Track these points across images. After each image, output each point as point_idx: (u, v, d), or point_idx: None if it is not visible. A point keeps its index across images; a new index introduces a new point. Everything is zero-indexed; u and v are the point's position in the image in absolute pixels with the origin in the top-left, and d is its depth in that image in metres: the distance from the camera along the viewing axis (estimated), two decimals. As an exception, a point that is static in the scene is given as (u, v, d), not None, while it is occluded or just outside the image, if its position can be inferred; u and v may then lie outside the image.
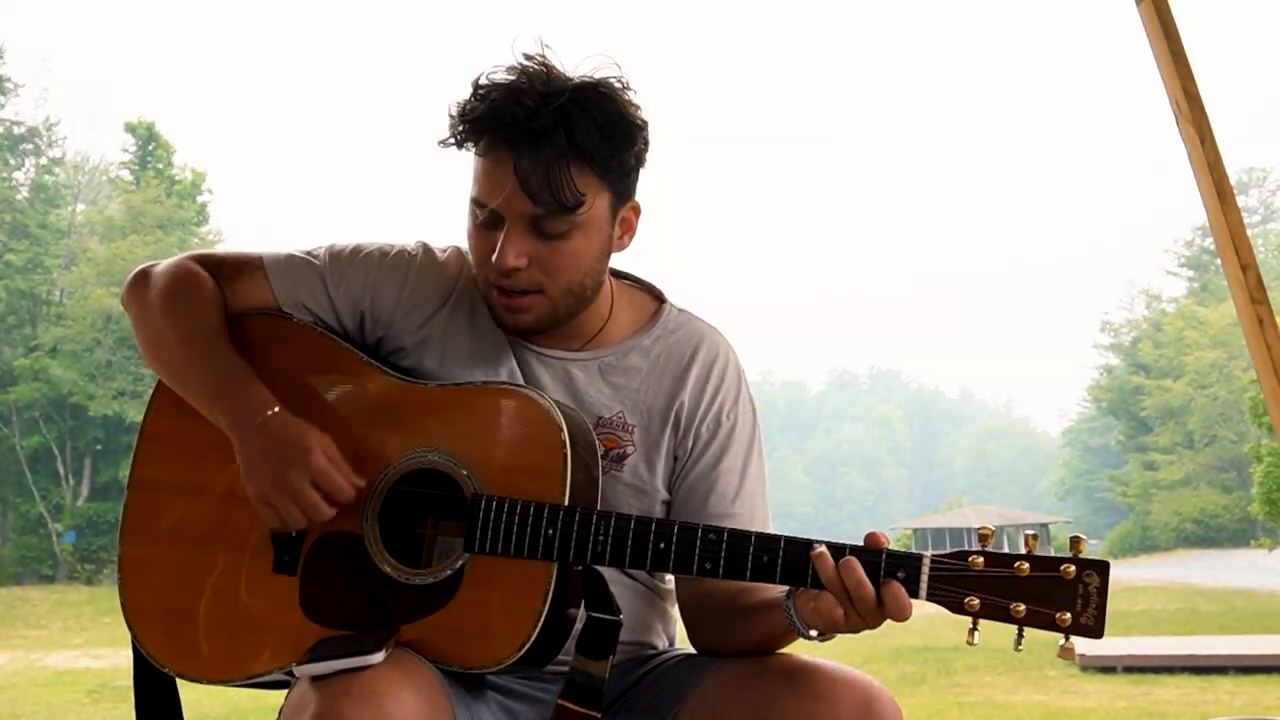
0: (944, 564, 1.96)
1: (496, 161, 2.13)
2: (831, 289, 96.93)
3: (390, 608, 2.10)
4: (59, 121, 46.69)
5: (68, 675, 16.92)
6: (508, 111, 2.09)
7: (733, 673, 2.13)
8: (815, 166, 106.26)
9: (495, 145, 2.13)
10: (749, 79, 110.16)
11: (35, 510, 39.49)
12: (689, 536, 2.04)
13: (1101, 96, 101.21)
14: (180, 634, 2.21)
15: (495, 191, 2.13)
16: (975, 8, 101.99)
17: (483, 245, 2.19)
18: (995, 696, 14.06)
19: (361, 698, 1.87)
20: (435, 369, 2.29)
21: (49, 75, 65.65)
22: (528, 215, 2.13)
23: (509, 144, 2.11)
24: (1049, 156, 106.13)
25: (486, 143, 2.14)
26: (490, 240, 2.17)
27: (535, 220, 2.14)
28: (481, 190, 2.16)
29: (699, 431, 2.32)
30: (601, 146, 2.12)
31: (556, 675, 2.21)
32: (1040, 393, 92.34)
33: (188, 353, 2.24)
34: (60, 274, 42.59)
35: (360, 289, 2.31)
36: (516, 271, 2.16)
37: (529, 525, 2.07)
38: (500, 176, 2.12)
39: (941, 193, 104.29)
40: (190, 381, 2.24)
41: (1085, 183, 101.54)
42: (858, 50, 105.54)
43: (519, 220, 2.14)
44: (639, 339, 2.35)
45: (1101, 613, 1.92)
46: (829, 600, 1.96)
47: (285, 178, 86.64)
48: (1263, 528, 37.64)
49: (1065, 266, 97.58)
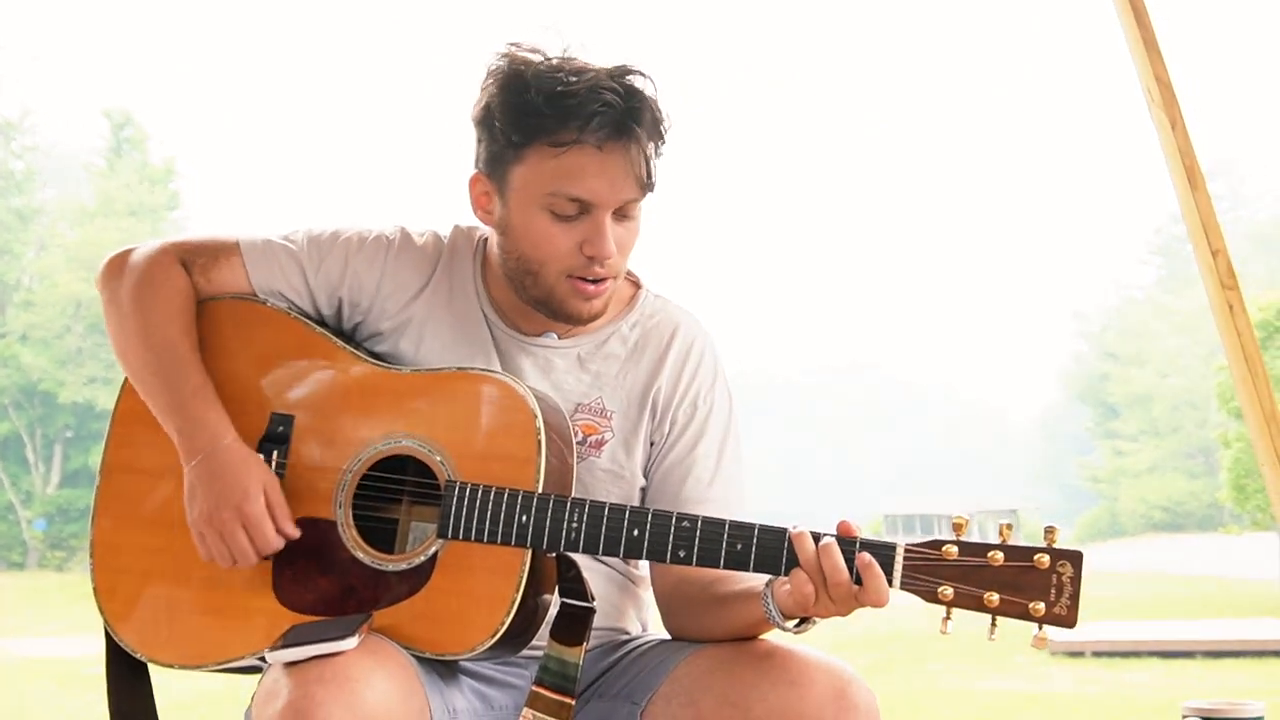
0: (918, 553, 1.96)
1: (607, 153, 2.11)
2: (805, 277, 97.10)
3: (363, 594, 2.10)
4: (33, 110, 46.30)
5: (38, 663, 16.84)
6: (604, 101, 2.08)
7: (707, 657, 2.14)
8: (785, 154, 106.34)
9: (600, 136, 2.10)
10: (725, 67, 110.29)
11: (4, 497, 39.25)
12: (663, 524, 2.05)
13: (1072, 84, 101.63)
14: (152, 619, 2.21)
15: (601, 182, 2.12)
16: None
17: (564, 237, 2.16)
18: (965, 683, 14.12)
19: (335, 684, 1.87)
20: (412, 354, 2.28)
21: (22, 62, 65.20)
22: (625, 201, 2.15)
23: (614, 133, 2.10)
24: (1018, 144, 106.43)
25: (589, 134, 2.09)
26: (572, 231, 2.15)
27: (624, 205, 2.15)
28: (585, 184, 2.12)
29: (675, 416, 2.32)
30: (660, 125, 2.15)
31: (530, 660, 2.21)
32: (1010, 379, 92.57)
33: (150, 360, 2.23)
34: (30, 260, 42.33)
35: (338, 275, 2.30)
36: (611, 259, 2.17)
37: (502, 512, 2.07)
38: (607, 166, 2.11)
39: (910, 180, 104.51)
40: (149, 386, 2.23)
41: (1055, 170, 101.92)
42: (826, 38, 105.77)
43: (613, 208, 2.15)
44: (617, 324, 2.35)
45: (1075, 603, 1.93)
46: (801, 579, 1.96)
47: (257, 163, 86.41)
48: (1230, 514, 37.84)
49: (1035, 253, 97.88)
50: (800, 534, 1.98)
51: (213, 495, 2.12)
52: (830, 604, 1.97)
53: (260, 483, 2.13)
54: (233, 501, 2.11)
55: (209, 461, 2.14)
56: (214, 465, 2.13)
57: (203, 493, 2.13)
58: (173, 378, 2.20)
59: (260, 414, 2.23)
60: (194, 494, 2.14)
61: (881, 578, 1.95)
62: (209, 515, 2.12)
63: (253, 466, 2.14)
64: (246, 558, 2.12)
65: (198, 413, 2.17)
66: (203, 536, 2.13)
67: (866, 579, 1.95)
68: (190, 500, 2.15)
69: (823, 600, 1.97)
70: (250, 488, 2.12)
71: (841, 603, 1.96)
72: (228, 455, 2.14)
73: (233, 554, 2.12)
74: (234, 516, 2.11)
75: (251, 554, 2.12)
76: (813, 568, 1.96)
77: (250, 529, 2.11)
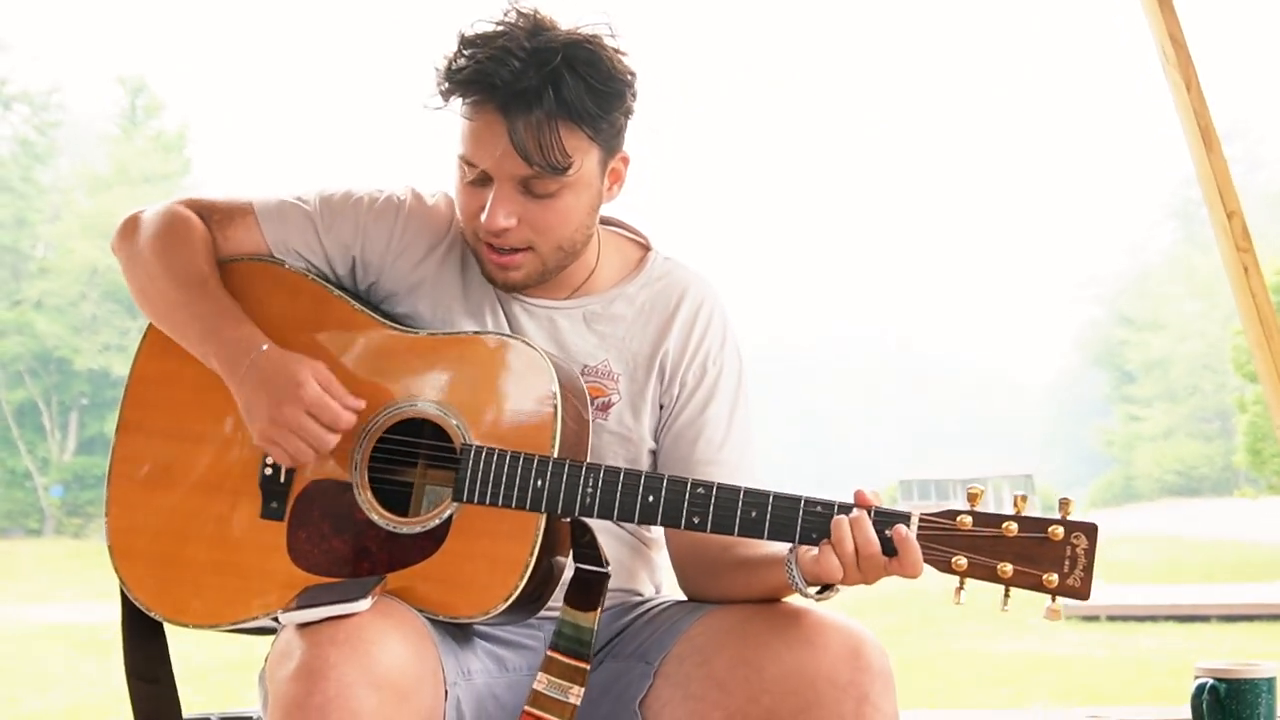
0: (932, 523, 1.97)
1: (486, 123, 2.11)
2: (812, 242, 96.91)
3: (377, 556, 2.10)
4: (48, 78, 46.37)
5: (55, 629, 16.91)
6: (496, 71, 2.07)
7: (721, 618, 2.14)
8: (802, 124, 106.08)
9: (484, 105, 2.11)
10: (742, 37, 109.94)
11: (21, 464, 39.39)
12: (677, 490, 2.05)
13: (1086, 46, 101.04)
14: (167, 578, 2.21)
15: (485, 152, 2.12)
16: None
17: (471, 201, 2.18)
18: (978, 646, 14.13)
19: (349, 645, 1.88)
20: (426, 315, 2.29)
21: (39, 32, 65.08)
22: (518, 176, 2.13)
23: (498, 105, 2.09)
24: (1032, 109, 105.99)
25: (474, 103, 2.12)
26: (479, 197, 2.16)
27: (525, 181, 2.13)
28: (470, 150, 2.14)
29: (685, 378, 2.32)
30: (591, 107, 2.11)
31: (545, 621, 2.22)
32: (1024, 344, 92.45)
33: (178, 295, 2.23)
34: (45, 228, 42.36)
35: (351, 234, 2.30)
36: (506, 231, 2.16)
37: (518, 476, 2.07)
38: (490, 138, 2.11)
39: (924, 148, 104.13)
40: (180, 323, 2.23)
41: (1069, 134, 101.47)
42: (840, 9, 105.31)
43: (509, 181, 2.13)
44: (624, 286, 2.35)
45: (1089, 575, 1.93)
46: (832, 559, 1.96)
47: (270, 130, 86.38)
48: (1246, 477, 37.82)
49: (1048, 218, 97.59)
50: (838, 519, 1.97)
51: (269, 397, 2.10)
52: (859, 575, 1.98)
53: (309, 369, 2.12)
54: (290, 394, 2.09)
55: (255, 369, 2.13)
56: (262, 370, 2.12)
57: (259, 400, 2.11)
58: (204, 304, 2.20)
59: None
60: (251, 407, 2.13)
61: (918, 550, 1.95)
62: (273, 417, 2.10)
63: (297, 359, 2.13)
64: (323, 442, 2.10)
65: (231, 332, 2.17)
66: (273, 441, 2.11)
67: (903, 551, 1.95)
68: (250, 414, 2.13)
69: (851, 571, 1.97)
70: (300, 375, 2.10)
71: (871, 573, 1.97)
72: (269, 358, 2.13)
73: (309, 443, 2.10)
74: (296, 407, 2.09)
75: (326, 437, 2.10)
76: (846, 542, 1.96)
77: (316, 412, 2.09)
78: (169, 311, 2.25)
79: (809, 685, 1.99)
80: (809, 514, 2.00)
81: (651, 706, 2.12)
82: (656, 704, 2.12)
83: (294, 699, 1.86)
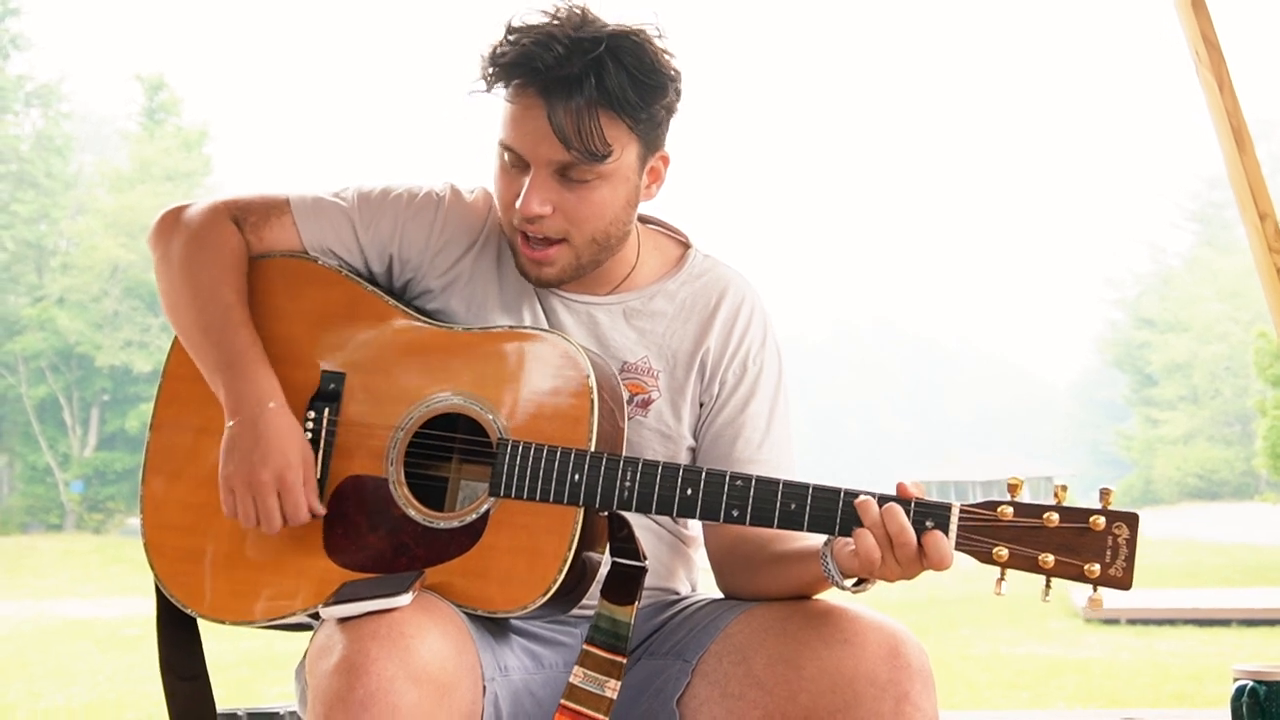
0: (973, 514, 1.96)
1: (526, 106, 2.12)
2: (831, 238, 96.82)
3: (415, 552, 2.10)
4: (70, 75, 46.54)
5: (76, 624, 16.98)
6: (539, 56, 2.08)
7: (759, 616, 2.14)
8: (829, 121, 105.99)
9: (525, 90, 2.12)
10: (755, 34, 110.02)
11: (42, 460, 39.54)
12: (716, 483, 2.04)
13: (1112, 47, 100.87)
14: (202, 574, 2.21)
15: (523, 136, 2.13)
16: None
17: (509, 188, 2.19)
18: (999, 649, 14.12)
19: (389, 640, 1.88)
20: (462, 312, 2.29)
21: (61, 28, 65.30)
22: (556, 163, 2.13)
23: (540, 89, 2.10)
24: (1052, 106, 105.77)
25: (517, 87, 2.13)
26: (516, 184, 2.17)
27: (563, 168, 2.13)
28: (511, 135, 2.15)
29: (725, 376, 2.32)
30: (632, 97, 2.11)
31: (581, 619, 2.22)
32: (1042, 344, 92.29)
33: (200, 319, 2.23)
34: (67, 224, 42.51)
35: (389, 232, 2.30)
36: (541, 219, 2.16)
37: (555, 470, 2.07)
38: (529, 121, 2.11)
39: (947, 144, 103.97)
40: (197, 348, 2.24)
41: (1090, 133, 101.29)
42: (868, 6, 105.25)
43: (546, 167, 2.14)
44: (665, 283, 2.35)
45: (1130, 565, 1.92)
46: (868, 546, 1.95)
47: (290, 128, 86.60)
48: (1267, 482, 37.67)
49: (1069, 219, 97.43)
50: (864, 501, 1.97)
51: (255, 456, 2.12)
52: (896, 566, 1.96)
53: (301, 454, 2.14)
54: (275, 467, 2.11)
55: (255, 423, 2.14)
56: (259, 428, 2.13)
57: (243, 452, 2.13)
58: (222, 337, 2.21)
59: (311, 372, 2.23)
60: (232, 451, 2.14)
61: (942, 539, 1.94)
62: (247, 475, 2.12)
63: (298, 436, 2.15)
64: (272, 523, 2.12)
65: (246, 372, 2.18)
66: (233, 493, 2.14)
67: (926, 542, 1.94)
68: (227, 455, 2.15)
69: (888, 563, 1.96)
70: (293, 457, 2.12)
71: (907, 565, 1.96)
72: (274, 419, 2.14)
73: (259, 516, 2.13)
74: (273, 481, 2.11)
75: (278, 521, 2.12)
76: (879, 533, 1.96)
77: (285, 496, 2.12)
78: (188, 331, 2.26)
79: (848, 684, 1.99)
80: (848, 506, 2.00)
81: (689, 705, 2.12)
82: (694, 702, 2.12)
83: (336, 693, 1.86)
